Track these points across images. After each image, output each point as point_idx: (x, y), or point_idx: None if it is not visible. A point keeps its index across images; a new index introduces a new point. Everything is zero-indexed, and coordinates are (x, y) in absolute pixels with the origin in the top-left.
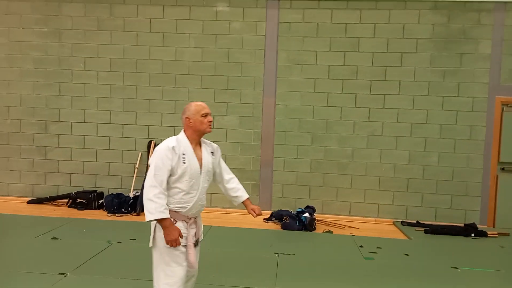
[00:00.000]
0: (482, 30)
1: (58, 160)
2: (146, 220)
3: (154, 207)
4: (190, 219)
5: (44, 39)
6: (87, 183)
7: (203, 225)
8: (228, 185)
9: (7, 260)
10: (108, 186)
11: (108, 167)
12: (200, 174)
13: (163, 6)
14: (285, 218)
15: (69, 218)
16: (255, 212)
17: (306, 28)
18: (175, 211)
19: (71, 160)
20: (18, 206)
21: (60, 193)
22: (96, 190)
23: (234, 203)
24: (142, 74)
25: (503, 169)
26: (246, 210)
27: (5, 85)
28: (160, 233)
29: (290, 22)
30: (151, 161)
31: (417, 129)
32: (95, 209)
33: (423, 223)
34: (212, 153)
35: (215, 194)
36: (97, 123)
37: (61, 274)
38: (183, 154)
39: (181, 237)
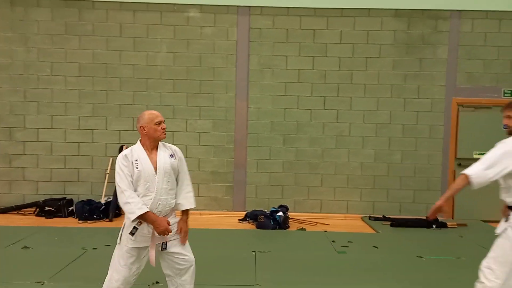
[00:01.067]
0: (440, 36)
1: (24, 168)
2: (131, 221)
3: (133, 206)
4: None
5: (9, 44)
6: (56, 190)
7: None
8: (179, 191)
9: None
10: (78, 193)
11: (77, 174)
12: (156, 175)
13: (134, 11)
14: (260, 218)
15: (38, 227)
16: (180, 232)
17: (277, 33)
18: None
19: (38, 168)
20: None
21: (26, 202)
22: (65, 197)
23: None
24: (112, 79)
25: (460, 164)
26: (220, 212)
27: None
28: (125, 232)
29: (260, 28)
30: (115, 173)
31: (382, 129)
32: (65, 216)
33: (389, 217)
34: (172, 155)
35: None
36: (65, 129)
37: (38, 282)
38: (136, 160)
39: (169, 224)
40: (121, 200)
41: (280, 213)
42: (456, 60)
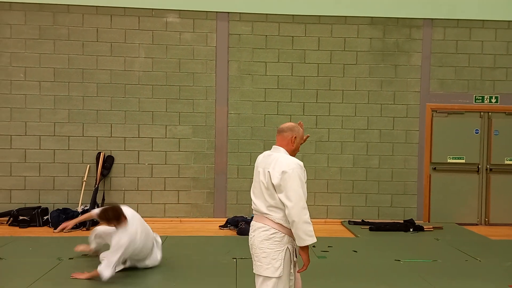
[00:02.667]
0: (413, 44)
1: None
2: (306, 244)
3: (312, 229)
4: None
5: None
6: (30, 199)
7: (160, 235)
8: None
9: None
10: (54, 201)
11: (53, 181)
12: None
13: (111, 16)
14: (241, 224)
15: (11, 237)
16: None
17: (256, 40)
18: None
19: (11, 176)
20: None
21: None
22: (40, 206)
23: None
24: (89, 84)
25: (434, 168)
26: (201, 219)
27: None
28: (282, 257)
29: (240, 34)
30: (292, 180)
31: (359, 134)
32: (40, 226)
33: (368, 222)
34: None
35: (169, 204)
36: (40, 135)
37: None
38: None
39: None
40: (303, 217)
41: None
42: (429, 67)
